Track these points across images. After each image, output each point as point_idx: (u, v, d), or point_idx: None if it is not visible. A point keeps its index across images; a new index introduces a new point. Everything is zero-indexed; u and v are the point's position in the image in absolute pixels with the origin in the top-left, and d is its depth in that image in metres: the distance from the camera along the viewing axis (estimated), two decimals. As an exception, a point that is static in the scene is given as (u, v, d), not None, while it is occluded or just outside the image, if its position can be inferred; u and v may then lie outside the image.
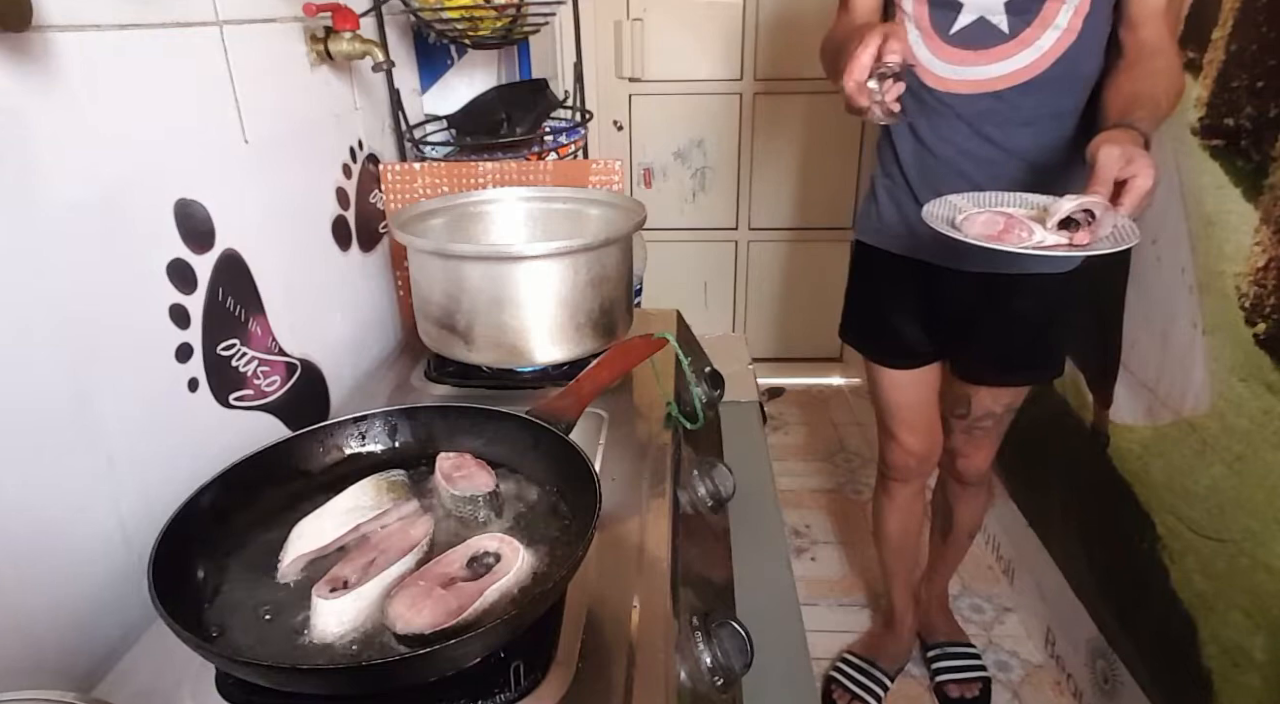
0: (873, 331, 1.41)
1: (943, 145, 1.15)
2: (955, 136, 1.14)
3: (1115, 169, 0.84)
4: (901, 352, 1.38)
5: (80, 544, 0.64)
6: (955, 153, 1.15)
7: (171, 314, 0.74)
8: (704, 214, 2.67)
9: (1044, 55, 1.06)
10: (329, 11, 0.96)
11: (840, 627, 1.77)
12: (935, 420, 1.45)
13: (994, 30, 1.06)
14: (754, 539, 0.96)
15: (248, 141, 0.85)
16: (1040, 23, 1.04)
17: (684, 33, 2.43)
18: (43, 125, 0.59)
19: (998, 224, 0.90)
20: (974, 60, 1.09)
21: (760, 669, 0.68)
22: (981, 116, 1.11)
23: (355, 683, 0.51)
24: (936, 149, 1.16)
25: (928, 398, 1.42)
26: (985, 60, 1.08)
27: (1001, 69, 1.07)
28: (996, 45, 1.07)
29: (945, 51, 1.10)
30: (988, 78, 1.09)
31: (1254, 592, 1.07)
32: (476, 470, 0.69)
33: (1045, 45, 1.05)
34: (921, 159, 1.19)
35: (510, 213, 1.15)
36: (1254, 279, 1.07)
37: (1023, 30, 1.05)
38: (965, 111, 1.12)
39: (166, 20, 0.72)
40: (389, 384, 1.06)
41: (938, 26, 1.10)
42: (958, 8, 1.07)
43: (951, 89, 1.12)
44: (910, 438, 1.45)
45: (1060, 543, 1.62)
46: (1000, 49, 1.07)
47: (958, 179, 1.14)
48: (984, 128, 1.11)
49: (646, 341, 0.87)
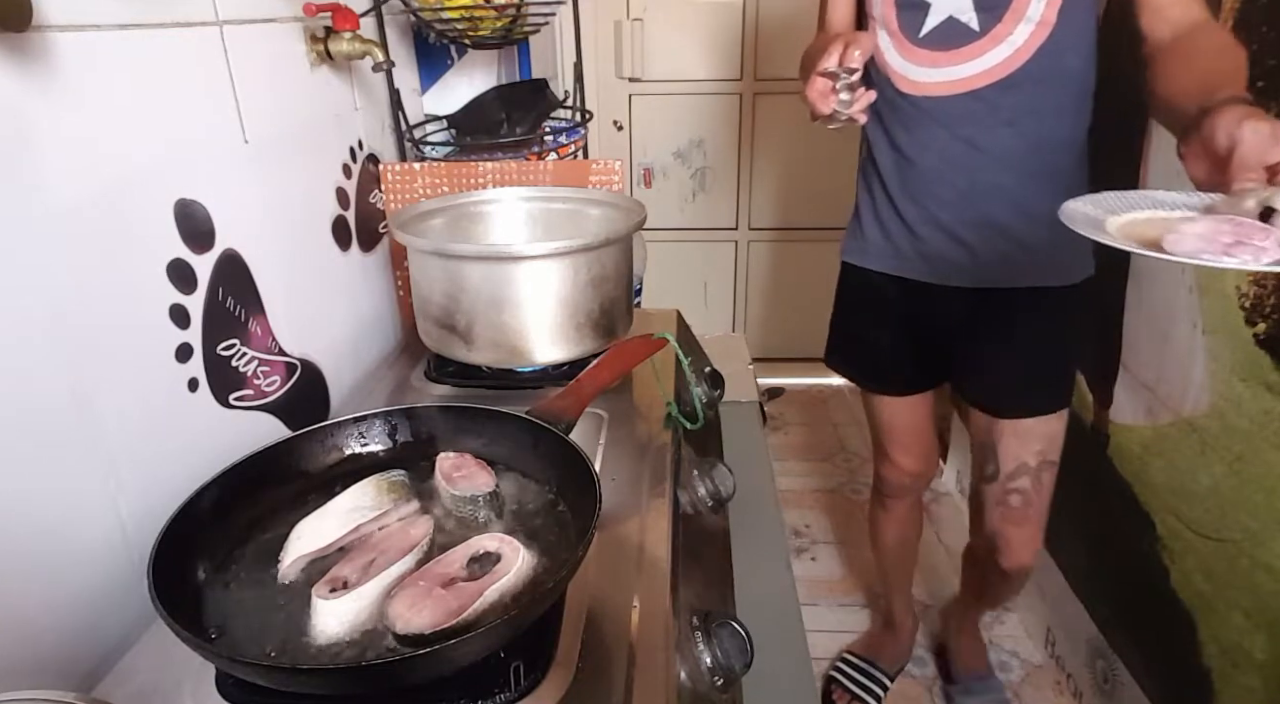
0: (859, 357, 1.37)
1: (922, 153, 1.11)
2: (934, 142, 1.09)
3: (1266, 150, 0.67)
4: (891, 378, 1.33)
5: (80, 544, 0.64)
6: (936, 160, 1.10)
7: (171, 314, 0.74)
8: (704, 214, 2.67)
9: (1018, 51, 1.01)
10: (329, 11, 0.96)
11: (840, 627, 1.77)
12: (931, 439, 1.41)
13: (963, 28, 1.03)
14: (754, 539, 0.97)
15: (248, 141, 0.85)
16: (1011, 16, 1.00)
17: (684, 33, 2.43)
18: (43, 125, 0.59)
19: (1224, 233, 0.64)
20: (946, 61, 1.05)
21: (760, 669, 0.68)
22: (959, 119, 1.06)
23: (355, 683, 0.51)
24: (916, 157, 1.12)
25: (923, 419, 1.38)
26: (957, 60, 1.04)
27: (975, 68, 1.03)
28: (968, 44, 1.03)
29: (916, 54, 1.07)
30: (962, 77, 1.05)
31: (1254, 592, 1.07)
32: (476, 470, 0.69)
33: (1019, 40, 1.01)
34: (901, 169, 1.14)
35: (510, 213, 1.15)
36: (1254, 279, 1.07)
37: (994, 26, 1.01)
38: (942, 115, 1.07)
39: (166, 20, 0.72)
40: (389, 384, 1.06)
41: (907, 29, 1.07)
42: (925, 8, 1.04)
43: (926, 92, 1.07)
44: (905, 458, 1.41)
45: (1060, 543, 1.62)
46: (972, 47, 1.03)
47: (940, 186, 1.11)
48: (963, 130, 1.07)
49: (646, 341, 0.87)
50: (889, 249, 1.20)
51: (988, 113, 1.05)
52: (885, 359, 1.32)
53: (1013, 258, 1.11)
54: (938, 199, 1.12)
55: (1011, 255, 1.11)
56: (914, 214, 1.15)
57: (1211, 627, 1.16)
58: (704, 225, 2.68)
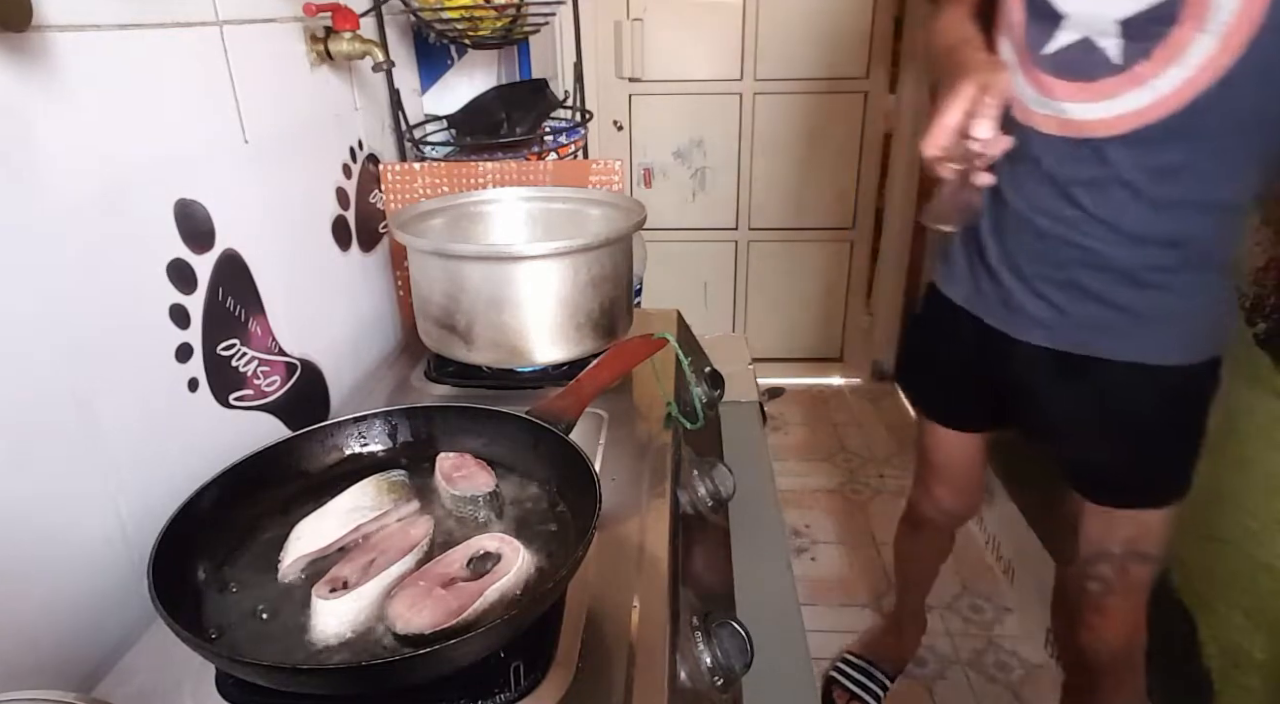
0: (921, 381, 1.26)
1: (1016, 192, 0.93)
2: (1029, 182, 0.91)
3: None
4: (951, 412, 1.21)
5: (80, 544, 0.64)
6: (1026, 204, 0.92)
7: (171, 314, 0.74)
8: (704, 214, 2.67)
9: (1163, 99, 0.79)
10: (329, 11, 0.96)
11: (840, 627, 1.77)
12: (979, 477, 1.28)
13: (1100, 58, 0.81)
14: (754, 539, 0.97)
15: (248, 141, 0.85)
16: (1163, 56, 0.78)
17: (684, 33, 2.43)
18: (43, 125, 0.59)
19: None
20: (1066, 94, 0.85)
21: (760, 669, 0.68)
22: (1069, 171, 0.87)
23: (355, 683, 0.51)
24: (1008, 194, 0.94)
25: (973, 458, 1.25)
26: (1080, 96, 0.83)
27: (1098, 111, 0.82)
28: (1099, 78, 0.82)
29: (1035, 75, 0.87)
30: (1078, 120, 0.84)
31: (1254, 592, 1.07)
32: (476, 470, 0.69)
33: (1165, 88, 0.79)
34: (994, 200, 0.96)
35: (510, 213, 1.15)
36: (1254, 279, 1.07)
37: (1138, 63, 0.80)
38: (1048, 160, 0.88)
39: (166, 20, 0.72)
40: (389, 384, 1.06)
41: (1033, 43, 0.87)
42: (1057, 20, 0.84)
43: (1034, 124, 0.88)
44: (944, 492, 1.30)
45: (1060, 543, 1.62)
46: (1103, 83, 0.82)
47: (1028, 235, 0.93)
48: (1071, 189, 0.87)
49: (646, 342, 0.87)
50: (971, 284, 1.04)
51: (1099, 166, 0.85)
52: (950, 391, 1.19)
53: (1113, 326, 0.92)
54: (1026, 249, 0.95)
55: (1111, 323, 0.92)
56: (997, 254, 0.98)
57: (1211, 627, 1.16)
58: (704, 225, 2.68)
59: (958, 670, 1.65)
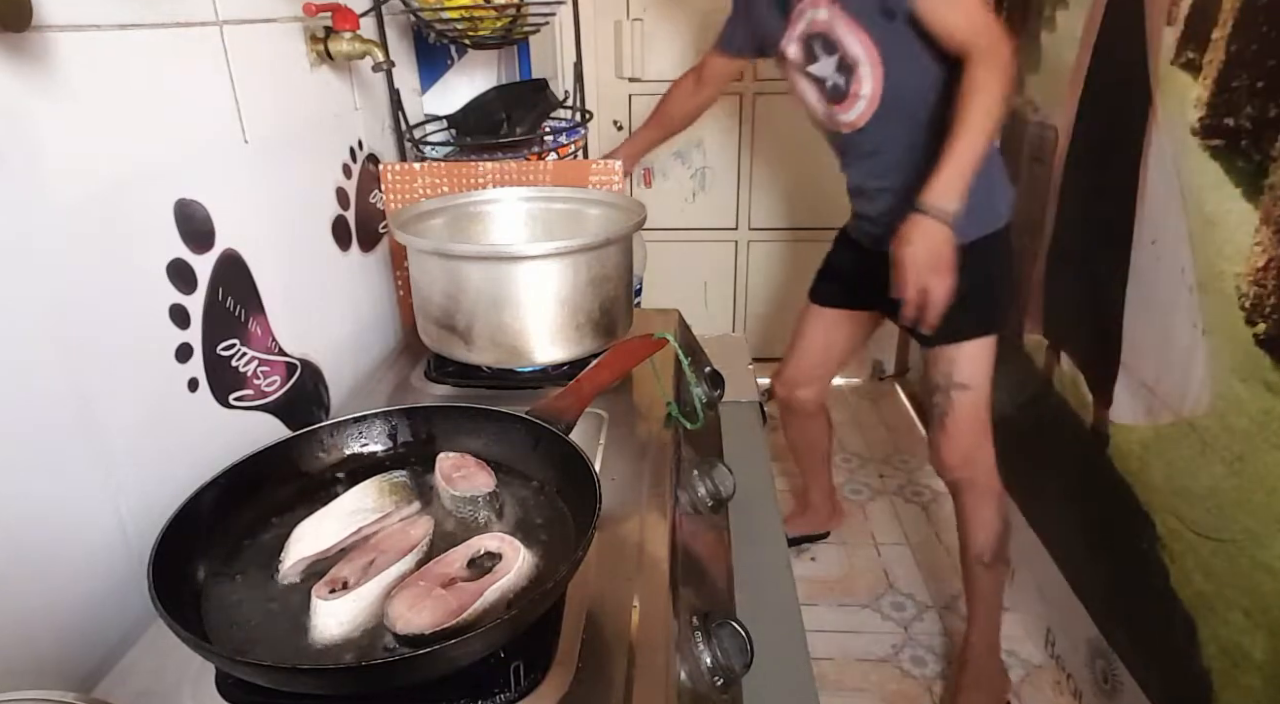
0: (818, 283, 1.72)
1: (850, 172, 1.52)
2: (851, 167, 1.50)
3: None
4: (826, 286, 1.67)
5: (80, 544, 0.64)
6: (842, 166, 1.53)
7: (171, 314, 0.74)
8: (704, 214, 2.67)
9: (864, 111, 1.36)
10: (329, 11, 0.96)
11: (840, 626, 1.77)
12: (825, 366, 1.72)
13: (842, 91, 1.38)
14: (754, 539, 0.97)
15: (248, 141, 0.85)
16: (854, 96, 1.35)
17: (684, 33, 2.43)
18: (43, 125, 0.59)
19: None
20: (841, 110, 1.39)
21: (760, 669, 0.68)
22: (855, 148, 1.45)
23: (355, 683, 0.51)
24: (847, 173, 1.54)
25: (826, 343, 1.69)
26: (842, 111, 1.38)
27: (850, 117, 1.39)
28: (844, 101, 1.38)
29: (826, 103, 1.41)
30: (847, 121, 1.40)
31: (1254, 592, 1.07)
32: (476, 470, 0.69)
33: (862, 107, 1.36)
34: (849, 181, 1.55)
35: (510, 213, 1.15)
36: (1254, 279, 1.07)
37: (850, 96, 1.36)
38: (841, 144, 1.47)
39: (166, 20, 0.72)
40: (389, 384, 1.06)
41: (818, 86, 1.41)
42: (822, 82, 1.39)
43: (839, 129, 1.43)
44: (789, 366, 1.72)
45: (1060, 543, 1.62)
46: (846, 104, 1.37)
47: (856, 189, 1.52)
48: (860, 160, 1.46)
49: (646, 341, 0.87)
50: (853, 222, 1.62)
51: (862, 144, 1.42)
52: (831, 283, 1.66)
53: None
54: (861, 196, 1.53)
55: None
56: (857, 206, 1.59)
57: (1211, 627, 1.16)
58: (704, 225, 2.68)
59: (958, 670, 1.65)
